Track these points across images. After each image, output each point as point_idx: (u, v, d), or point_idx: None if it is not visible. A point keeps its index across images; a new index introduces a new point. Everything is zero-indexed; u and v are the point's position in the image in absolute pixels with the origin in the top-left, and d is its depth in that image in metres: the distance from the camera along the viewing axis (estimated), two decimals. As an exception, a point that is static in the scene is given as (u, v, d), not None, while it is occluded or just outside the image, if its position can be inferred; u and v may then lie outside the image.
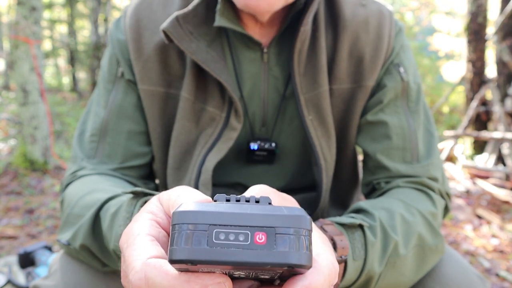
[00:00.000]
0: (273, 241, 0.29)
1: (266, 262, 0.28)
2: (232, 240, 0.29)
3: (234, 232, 0.29)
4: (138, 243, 0.35)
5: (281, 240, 0.29)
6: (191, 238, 0.29)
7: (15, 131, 5.50)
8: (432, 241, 0.64)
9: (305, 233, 0.30)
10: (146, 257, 0.34)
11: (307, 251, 0.30)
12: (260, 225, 0.29)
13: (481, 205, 3.29)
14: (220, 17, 0.68)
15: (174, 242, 0.29)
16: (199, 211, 0.30)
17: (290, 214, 0.30)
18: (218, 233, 0.29)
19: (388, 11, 0.77)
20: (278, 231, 0.29)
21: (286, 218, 0.30)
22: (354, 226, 0.57)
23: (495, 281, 2.17)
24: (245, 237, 0.29)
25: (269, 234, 0.29)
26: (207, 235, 0.29)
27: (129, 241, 0.36)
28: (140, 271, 0.33)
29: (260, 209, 0.30)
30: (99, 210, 0.60)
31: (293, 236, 0.29)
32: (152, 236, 0.36)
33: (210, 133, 0.72)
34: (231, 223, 0.29)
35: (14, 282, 1.76)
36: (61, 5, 10.81)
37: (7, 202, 3.08)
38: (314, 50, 0.72)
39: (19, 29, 3.45)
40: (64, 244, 0.63)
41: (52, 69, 13.79)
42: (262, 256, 0.28)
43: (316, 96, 0.72)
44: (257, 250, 0.29)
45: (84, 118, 0.80)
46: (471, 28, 4.69)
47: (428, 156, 0.74)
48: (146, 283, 0.32)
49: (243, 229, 0.29)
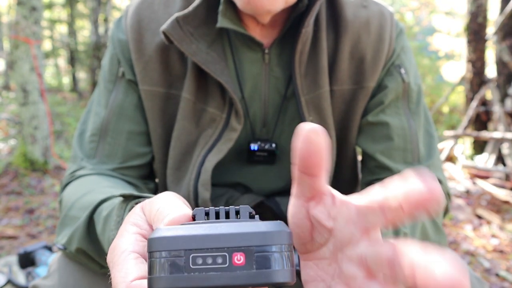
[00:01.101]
0: (252, 261, 0.28)
1: (247, 284, 0.28)
2: (210, 263, 0.28)
3: (211, 255, 0.28)
4: (122, 263, 0.35)
5: (260, 259, 0.28)
6: (168, 266, 0.28)
7: (15, 131, 5.51)
8: (435, 237, 0.64)
9: (285, 249, 0.29)
10: (129, 280, 0.33)
11: (288, 267, 0.29)
12: (237, 246, 0.28)
13: (481, 205, 3.29)
14: (222, 18, 0.68)
15: (151, 271, 0.29)
16: (173, 236, 0.29)
17: (268, 231, 0.29)
18: (195, 258, 0.28)
19: (389, 12, 0.77)
20: (256, 250, 0.28)
21: (264, 235, 0.29)
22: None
23: (495, 281, 2.17)
24: (223, 260, 0.28)
25: (247, 254, 0.28)
26: (184, 261, 0.28)
27: (114, 260, 0.36)
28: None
29: (238, 227, 0.29)
30: (93, 212, 0.59)
31: (272, 253, 0.28)
32: (137, 253, 0.36)
33: (211, 134, 0.72)
34: (208, 246, 0.28)
35: (14, 282, 1.76)
36: (61, 5, 10.81)
37: (7, 202, 3.08)
38: (315, 51, 0.72)
39: (19, 29, 3.45)
40: (61, 249, 0.63)
41: (52, 69, 13.78)
42: (242, 278, 0.28)
43: (317, 97, 0.72)
44: (237, 272, 0.28)
45: (85, 118, 0.80)
46: (471, 28, 4.69)
47: (428, 157, 0.74)
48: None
49: (220, 251, 0.28)
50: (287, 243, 0.29)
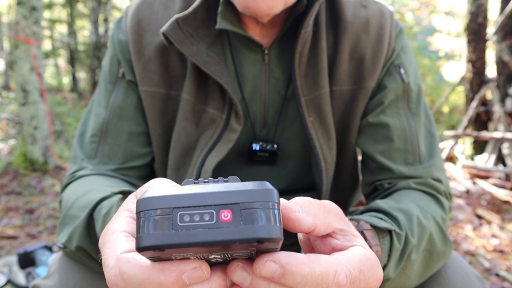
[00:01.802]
0: (239, 217, 0.28)
1: (234, 239, 0.28)
2: (197, 221, 0.28)
3: (199, 213, 0.28)
4: (113, 241, 0.35)
5: (247, 215, 0.28)
6: (155, 223, 0.28)
7: (15, 131, 5.50)
8: (441, 247, 0.63)
9: (271, 206, 0.29)
10: (119, 252, 0.33)
11: (276, 223, 0.29)
12: (224, 203, 0.28)
13: (481, 205, 3.29)
14: (221, 20, 0.68)
15: (139, 230, 0.29)
16: (161, 196, 0.29)
17: (255, 189, 0.29)
18: (183, 215, 0.28)
19: (389, 12, 0.77)
20: (243, 207, 0.28)
21: (251, 193, 0.29)
22: (385, 230, 0.55)
23: (495, 281, 2.17)
24: (210, 217, 0.28)
25: (234, 211, 0.28)
26: (171, 218, 0.28)
27: (105, 240, 0.36)
28: (114, 266, 0.32)
29: (224, 186, 0.30)
30: (93, 211, 0.60)
31: (259, 210, 0.28)
32: (127, 232, 0.36)
33: (211, 135, 0.72)
34: (195, 204, 0.29)
35: (14, 282, 1.76)
36: (61, 5, 10.81)
37: (7, 202, 3.08)
38: (315, 51, 0.72)
39: (19, 29, 3.45)
40: (61, 247, 0.63)
41: (52, 69, 13.78)
42: (229, 234, 0.28)
43: (317, 98, 0.72)
44: (224, 228, 0.28)
45: (85, 118, 0.80)
46: (471, 28, 4.69)
47: (430, 157, 0.74)
48: (121, 278, 0.32)
49: (207, 208, 0.28)
50: (274, 200, 0.29)
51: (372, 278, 0.36)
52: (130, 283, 0.32)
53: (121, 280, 0.32)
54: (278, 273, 0.31)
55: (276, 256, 0.32)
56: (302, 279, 0.32)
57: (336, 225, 0.38)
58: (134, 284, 0.31)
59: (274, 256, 0.32)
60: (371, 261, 0.36)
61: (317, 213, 0.37)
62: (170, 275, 0.30)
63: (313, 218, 0.36)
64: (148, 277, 0.31)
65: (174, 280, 0.31)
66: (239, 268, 0.33)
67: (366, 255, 0.36)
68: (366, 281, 0.36)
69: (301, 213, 0.35)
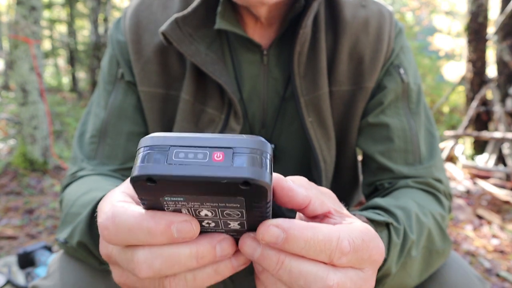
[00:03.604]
0: (230, 159, 0.29)
1: (223, 176, 0.29)
2: (191, 158, 0.30)
3: (193, 152, 0.30)
4: (111, 196, 0.36)
5: (238, 157, 0.29)
6: (151, 157, 0.30)
7: (14, 131, 5.50)
8: (440, 245, 0.63)
9: (264, 155, 0.30)
10: (115, 201, 0.34)
11: (266, 169, 0.30)
12: (218, 146, 0.30)
13: (481, 205, 3.29)
14: (220, 20, 0.68)
15: (136, 162, 0.30)
16: (161, 135, 0.31)
17: (250, 139, 0.31)
18: (178, 152, 0.30)
19: (388, 12, 0.77)
20: (236, 151, 0.30)
21: (246, 141, 0.30)
22: (382, 224, 0.56)
23: (496, 281, 2.16)
24: (203, 156, 0.30)
25: (227, 153, 0.30)
26: (167, 154, 0.30)
27: (104, 199, 0.37)
28: (108, 211, 0.33)
29: (222, 135, 0.31)
30: (95, 208, 0.60)
31: (251, 154, 0.30)
32: (126, 193, 0.37)
33: (210, 135, 0.72)
34: (191, 144, 0.30)
35: (13, 282, 1.76)
36: (60, 5, 10.81)
37: (6, 202, 3.07)
38: (314, 52, 0.71)
39: (19, 28, 3.45)
40: (62, 242, 0.63)
41: (52, 69, 13.78)
42: (218, 171, 0.29)
43: (316, 98, 0.72)
44: (215, 167, 0.29)
45: (85, 119, 0.80)
46: (472, 28, 4.69)
47: (430, 157, 0.74)
48: (112, 222, 0.32)
49: (202, 149, 0.30)
50: (266, 151, 0.31)
51: (375, 250, 0.36)
52: (120, 227, 0.32)
53: (112, 223, 0.32)
54: (281, 238, 0.32)
55: (279, 221, 0.33)
56: (305, 244, 0.32)
57: (331, 205, 0.38)
58: (124, 228, 0.32)
59: (277, 221, 0.32)
60: (373, 233, 0.37)
61: (310, 187, 0.37)
62: (159, 222, 0.31)
63: (306, 191, 0.36)
64: (138, 223, 0.31)
65: (163, 229, 0.31)
66: (250, 238, 0.34)
67: (367, 227, 0.37)
68: (370, 252, 0.36)
69: (293, 184, 0.36)
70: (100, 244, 0.38)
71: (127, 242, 0.33)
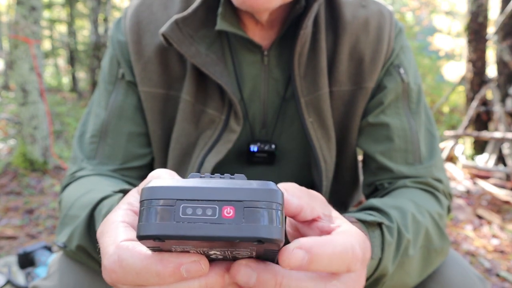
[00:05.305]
0: (241, 215, 0.28)
1: (234, 237, 0.28)
2: (199, 214, 0.28)
3: (202, 207, 0.28)
4: (112, 230, 0.35)
5: (249, 214, 0.28)
6: (158, 213, 0.28)
7: (14, 131, 5.50)
8: (438, 243, 0.64)
9: (275, 207, 0.29)
10: (119, 240, 0.33)
11: (278, 224, 0.28)
12: (228, 199, 0.28)
13: (481, 205, 3.29)
14: (221, 21, 0.68)
15: (141, 218, 0.29)
16: (166, 186, 0.29)
17: (259, 188, 0.29)
18: (185, 208, 0.28)
19: (388, 11, 0.77)
20: (246, 205, 0.28)
21: (256, 192, 0.29)
22: (374, 224, 0.56)
23: (496, 281, 2.16)
24: (212, 212, 0.28)
25: (237, 208, 0.28)
26: (174, 210, 0.28)
27: (104, 230, 0.36)
28: (113, 253, 0.32)
29: (229, 183, 0.29)
30: (93, 210, 0.60)
31: (262, 209, 0.28)
32: (126, 223, 0.36)
33: (210, 135, 0.72)
34: (198, 198, 0.28)
35: (13, 282, 1.76)
36: (60, 4, 10.81)
37: (6, 202, 3.07)
38: (314, 52, 0.71)
39: (19, 28, 3.45)
40: (61, 246, 0.63)
41: (52, 69, 13.78)
42: (230, 231, 0.28)
43: (316, 99, 0.72)
44: (225, 225, 0.28)
45: (85, 119, 0.80)
46: (472, 28, 4.69)
47: (430, 157, 0.74)
48: (119, 265, 0.32)
49: (210, 203, 0.28)
50: (278, 202, 0.29)
51: (367, 249, 0.37)
52: (128, 271, 0.32)
53: (119, 267, 0.32)
54: (306, 260, 0.31)
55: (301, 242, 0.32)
56: (329, 261, 0.32)
57: (320, 210, 0.39)
58: (132, 272, 0.31)
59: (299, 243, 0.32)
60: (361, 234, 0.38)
61: (302, 195, 0.37)
62: (168, 266, 0.30)
63: (299, 200, 0.36)
64: (146, 266, 0.31)
65: (171, 271, 0.31)
66: (243, 266, 0.33)
67: (356, 230, 0.37)
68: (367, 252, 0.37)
69: (286, 194, 0.36)
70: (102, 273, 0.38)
71: (136, 284, 0.32)
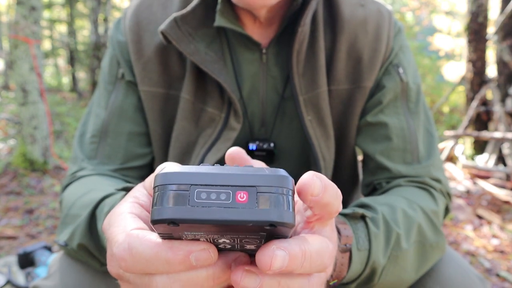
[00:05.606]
0: (254, 199, 0.29)
1: (248, 220, 0.28)
2: (213, 199, 0.29)
3: (216, 192, 0.29)
4: (120, 220, 0.35)
5: (262, 198, 0.29)
6: (172, 198, 0.28)
7: (14, 131, 5.50)
8: (433, 238, 0.64)
9: (287, 192, 0.29)
10: (129, 229, 0.33)
11: (290, 209, 0.29)
12: (241, 185, 0.29)
13: (481, 205, 3.29)
14: (219, 17, 0.68)
15: (155, 203, 0.29)
16: (180, 172, 0.29)
17: (272, 174, 0.30)
18: (200, 192, 0.29)
19: (387, 11, 0.77)
20: (259, 190, 0.29)
21: (268, 178, 0.29)
22: (356, 216, 0.57)
23: (496, 281, 2.16)
24: (226, 196, 0.29)
25: (250, 193, 0.29)
26: (189, 194, 0.29)
27: (111, 222, 0.36)
28: (123, 242, 0.32)
29: (242, 169, 0.30)
30: (95, 208, 0.60)
31: (275, 194, 0.29)
32: (134, 214, 0.36)
33: (210, 134, 0.72)
34: (213, 183, 0.29)
35: (13, 282, 1.76)
36: (60, 4, 10.81)
37: (6, 202, 3.07)
38: (312, 50, 0.71)
39: (19, 28, 3.45)
40: (62, 245, 0.63)
41: (52, 69, 13.79)
42: (243, 214, 0.28)
43: (315, 97, 0.72)
44: (239, 209, 0.28)
45: (85, 119, 0.80)
46: (472, 28, 4.69)
47: (428, 157, 0.74)
48: (129, 253, 0.32)
49: (224, 188, 0.29)
50: (289, 187, 0.30)
51: None
52: (138, 259, 0.32)
53: (130, 255, 0.32)
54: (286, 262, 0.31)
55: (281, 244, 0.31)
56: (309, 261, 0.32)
57: None
58: (142, 260, 0.32)
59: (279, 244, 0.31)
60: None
61: None
62: (178, 253, 0.31)
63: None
64: (156, 254, 0.31)
65: (181, 259, 0.31)
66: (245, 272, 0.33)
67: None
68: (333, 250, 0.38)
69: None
70: (108, 264, 0.38)
71: (145, 272, 0.33)
